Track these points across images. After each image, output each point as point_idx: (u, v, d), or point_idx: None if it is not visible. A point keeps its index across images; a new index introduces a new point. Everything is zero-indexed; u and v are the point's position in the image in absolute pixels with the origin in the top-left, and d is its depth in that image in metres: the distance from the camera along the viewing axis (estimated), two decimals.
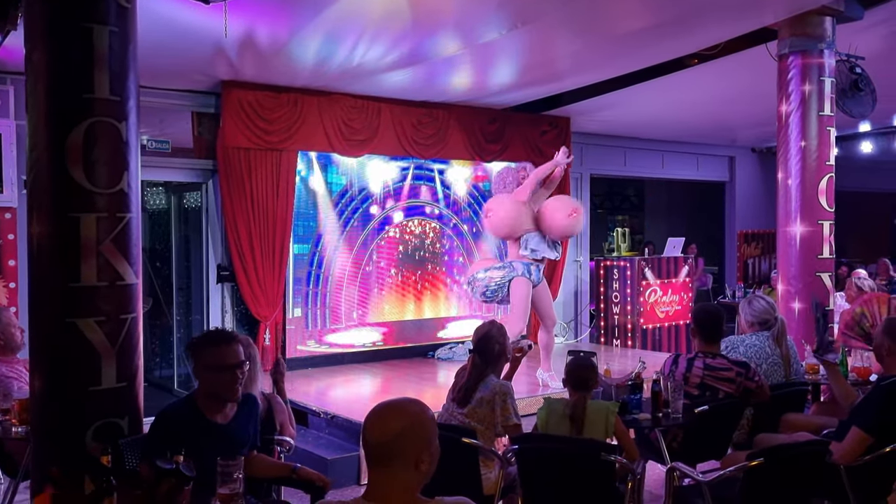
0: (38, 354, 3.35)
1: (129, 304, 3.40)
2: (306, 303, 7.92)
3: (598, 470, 3.44)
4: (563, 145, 9.45)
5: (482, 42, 6.25)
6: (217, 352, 3.04)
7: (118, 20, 3.37)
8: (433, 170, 8.81)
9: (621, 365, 7.48)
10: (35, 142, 3.31)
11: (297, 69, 6.77)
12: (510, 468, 3.76)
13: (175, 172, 7.65)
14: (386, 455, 2.02)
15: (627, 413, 4.10)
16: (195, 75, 6.93)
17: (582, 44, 6.64)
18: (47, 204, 3.29)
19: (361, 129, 7.99)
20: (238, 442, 3.12)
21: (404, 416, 2.07)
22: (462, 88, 7.98)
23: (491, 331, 4.05)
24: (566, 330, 10.02)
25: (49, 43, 3.28)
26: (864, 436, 3.58)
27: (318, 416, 6.06)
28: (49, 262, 3.30)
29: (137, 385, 3.46)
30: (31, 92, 3.33)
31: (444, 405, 4.09)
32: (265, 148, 7.46)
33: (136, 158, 3.47)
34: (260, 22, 5.42)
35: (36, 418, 3.39)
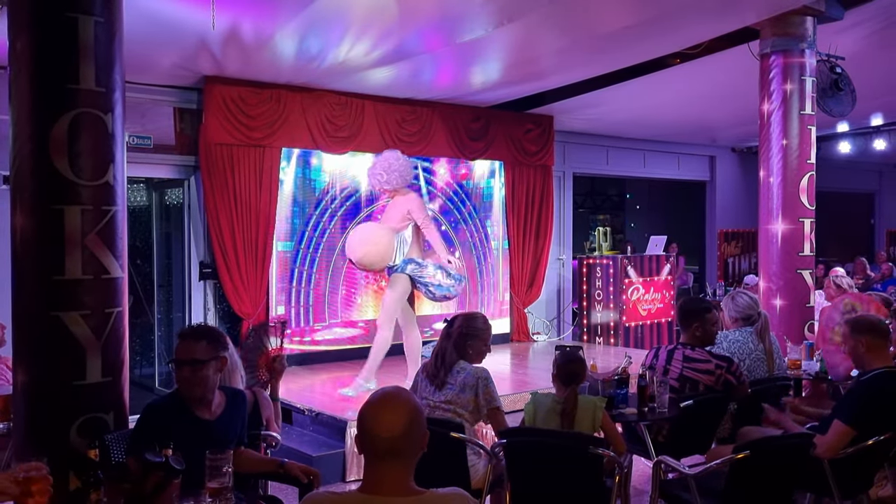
0: (21, 349, 3.31)
1: (115, 298, 3.36)
2: (289, 300, 7.88)
3: (586, 463, 3.44)
4: (546, 143, 9.61)
5: (467, 39, 6.26)
6: (179, 346, 3.03)
7: (104, 11, 3.33)
8: (417, 167, 8.79)
9: (605, 362, 7.51)
10: (18, 132, 3.27)
11: (281, 65, 6.74)
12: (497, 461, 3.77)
13: (156, 168, 7.58)
14: (397, 449, 2.02)
15: (614, 408, 4.12)
16: (177, 70, 6.87)
17: (566, 42, 6.67)
18: (31, 196, 3.25)
19: (345, 125, 7.97)
20: (225, 437, 3.09)
21: (408, 408, 2.07)
22: (446, 86, 7.99)
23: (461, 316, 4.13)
24: (549, 328, 10.05)
25: (33, 32, 3.24)
26: (846, 429, 3.63)
27: (303, 413, 6.04)
28: (32, 254, 3.26)
29: (123, 380, 3.42)
30: (15, 81, 3.28)
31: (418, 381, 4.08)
32: (248, 144, 7.42)
33: (121, 151, 3.44)
34: (245, 16, 5.39)
35: (19, 414, 3.34)
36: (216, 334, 3.14)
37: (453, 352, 3.99)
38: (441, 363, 3.98)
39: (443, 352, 4.01)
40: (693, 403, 4.20)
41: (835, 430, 3.66)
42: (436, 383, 3.96)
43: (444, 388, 3.91)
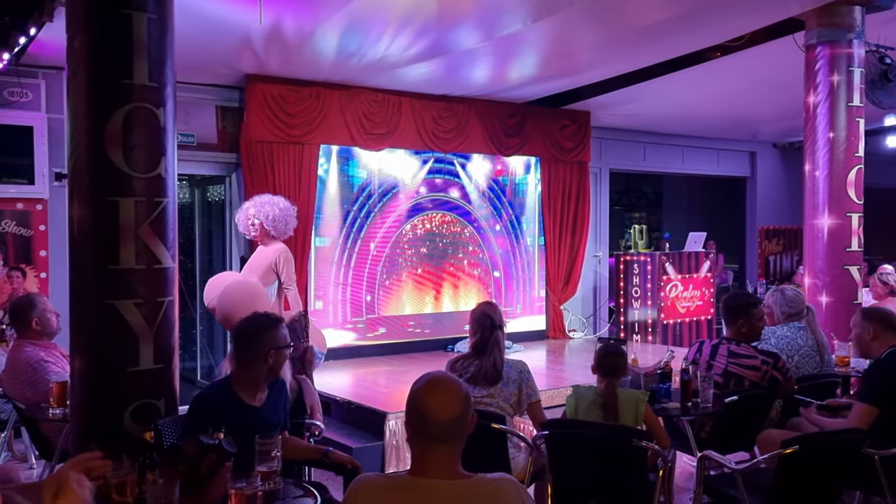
0: (78, 336, 3.40)
1: (166, 288, 3.45)
2: (328, 295, 7.97)
3: (630, 456, 3.44)
4: (583, 140, 9.57)
5: (504, 34, 6.25)
6: (279, 332, 3.15)
7: (157, 7, 3.41)
8: (453, 163, 8.83)
9: (644, 359, 7.48)
10: (76, 127, 3.36)
11: (321, 62, 6.81)
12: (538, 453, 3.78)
13: (199, 166, 7.72)
14: (453, 432, 2.05)
15: (656, 402, 4.10)
16: (220, 69, 6.98)
17: (603, 36, 6.63)
18: (87, 188, 3.34)
19: (382, 122, 8.03)
20: (270, 423, 3.15)
21: (461, 391, 2.11)
22: (482, 82, 7.99)
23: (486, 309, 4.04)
24: (585, 325, 10.01)
25: (90, 29, 3.33)
26: (867, 407, 3.68)
27: (341, 405, 6.10)
28: (89, 244, 3.35)
29: (173, 367, 3.51)
30: (73, 79, 3.37)
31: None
32: (288, 141, 7.52)
33: (172, 144, 3.52)
34: (287, 13, 5.45)
35: (76, 399, 3.43)
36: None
37: (495, 345, 3.99)
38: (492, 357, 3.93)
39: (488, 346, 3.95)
40: (738, 399, 4.16)
41: (855, 411, 3.72)
42: (487, 379, 3.91)
43: (483, 382, 3.89)
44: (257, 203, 5.73)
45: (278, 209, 5.71)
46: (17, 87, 6.56)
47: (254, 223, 5.70)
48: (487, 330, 3.94)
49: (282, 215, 5.72)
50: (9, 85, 6.50)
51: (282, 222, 5.72)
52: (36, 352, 4.34)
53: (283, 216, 5.73)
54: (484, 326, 3.94)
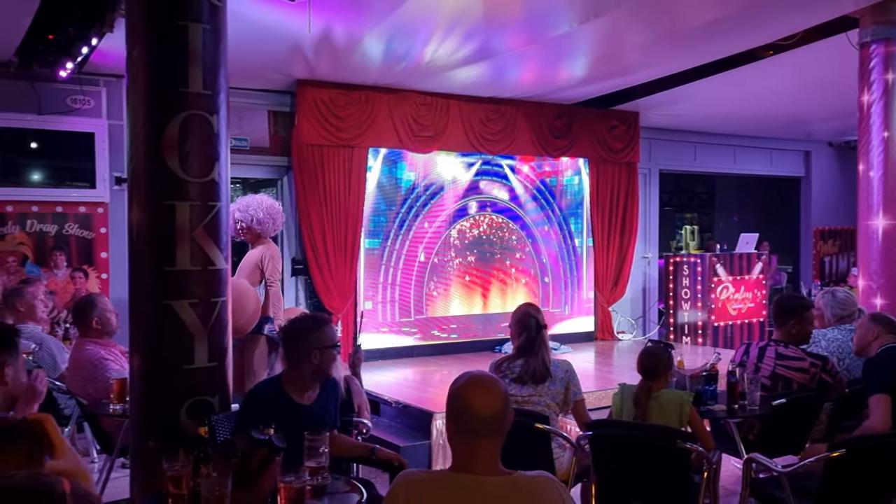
0: (136, 334, 3.54)
1: (219, 288, 3.56)
2: (377, 296, 8.08)
3: (674, 458, 3.44)
4: (632, 140, 9.52)
5: (552, 36, 6.27)
6: (325, 333, 3.22)
7: (211, 18, 3.53)
8: (501, 165, 8.87)
9: (693, 362, 7.41)
10: (135, 134, 3.50)
11: (369, 66, 6.93)
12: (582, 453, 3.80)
13: (252, 169, 7.93)
14: (496, 427, 2.12)
15: (702, 404, 4.08)
16: (272, 74, 7.16)
17: (652, 36, 6.59)
18: (145, 192, 3.47)
19: (430, 125, 8.12)
20: (320, 422, 3.24)
21: (501, 389, 2.19)
22: (530, 84, 8.02)
23: (529, 310, 4.07)
24: (634, 327, 9.94)
25: (148, 40, 3.46)
26: (882, 397, 3.68)
27: (390, 405, 6.19)
28: (147, 247, 3.48)
29: (226, 365, 3.62)
30: (132, 87, 3.51)
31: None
32: (337, 145, 7.66)
33: (226, 150, 3.63)
34: (337, 19, 5.58)
35: (135, 395, 3.58)
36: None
37: (542, 344, 4.03)
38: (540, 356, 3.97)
39: (535, 346, 3.99)
40: (786, 402, 4.12)
41: (873, 405, 3.70)
42: (536, 377, 3.95)
43: (531, 382, 3.93)
44: (241, 207, 5.72)
45: (262, 211, 5.68)
46: (80, 94, 6.83)
47: (242, 227, 5.69)
48: (533, 330, 3.98)
49: (267, 215, 5.69)
50: (72, 93, 6.77)
51: (268, 222, 5.71)
52: (97, 350, 4.52)
53: (268, 216, 5.70)
54: (529, 327, 3.97)
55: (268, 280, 5.62)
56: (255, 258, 5.69)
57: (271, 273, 5.62)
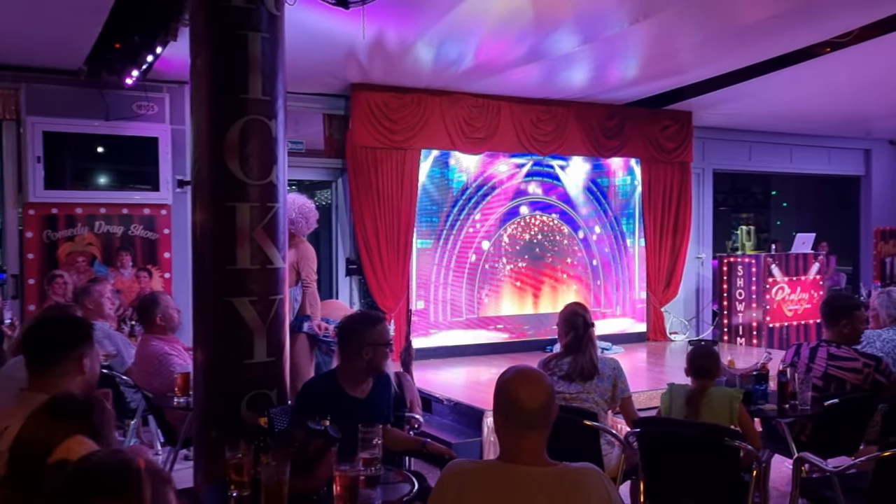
0: (199, 330, 3.72)
1: (277, 286, 3.71)
2: (428, 296, 8.20)
3: (722, 456, 3.46)
4: (684, 140, 9.45)
5: (602, 38, 6.30)
6: (378, 330, 3.34)
7: (269, 27, 3.69)
8: (552, 166, 8.90)
9: (746, 362, 7.34)
10: (198, 139, 3.68)
11: (421, 70, 7.05)
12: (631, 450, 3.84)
13: (308, 171, 8.14)
14: (541, 419, 2.20)
15: (752, 403, 4.08)
16: (327, 79, 7.34)
17: (704, 36, 6.56)
18: (208, 194, 3.65)
19: (482, 127, 8.20)
20: (373, 415, 3.35)
21: (546, 382, 2.27)
22: (581, 85, 8.03)
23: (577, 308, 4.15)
24: (687, 327, 9.86)
25: (211, 49, 3.63)
26: None
27: (442, 403, 6.30)
28: (209, 246, 3.65)
29: (284, 360, 3.77)
30: (195, 94, 3.69)
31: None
32: (390, 147, 7.80)
33: (283, 153, 3.79)
34: (389, 25, 5.71)
35: (198, 389, 3.75)
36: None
37: (589, 342, 4.09)
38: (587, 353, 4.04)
39: (583, 344, 4.06)
40: (839, 402, 4.08)
41: None
42: (583, 375, 4.02)
43: (579, 379, 3.99)
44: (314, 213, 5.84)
45: (295, 210, 5.69)
46: (145, 100, 7.11)
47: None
48: (581, 328, 4.05)
49: (300, 215, 5.74)
50: (137, 99, 7.05)
51: (301, 221, 5.76)
52: (161, 345, 4.73)
53: (301, 216, 5.76)
54: (576, 325, 4.04)
55: (304, 281, 5.74)
56: (290, 259, 5.66)
57: (307, 274, 5.73)
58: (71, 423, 1.88)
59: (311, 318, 5.73)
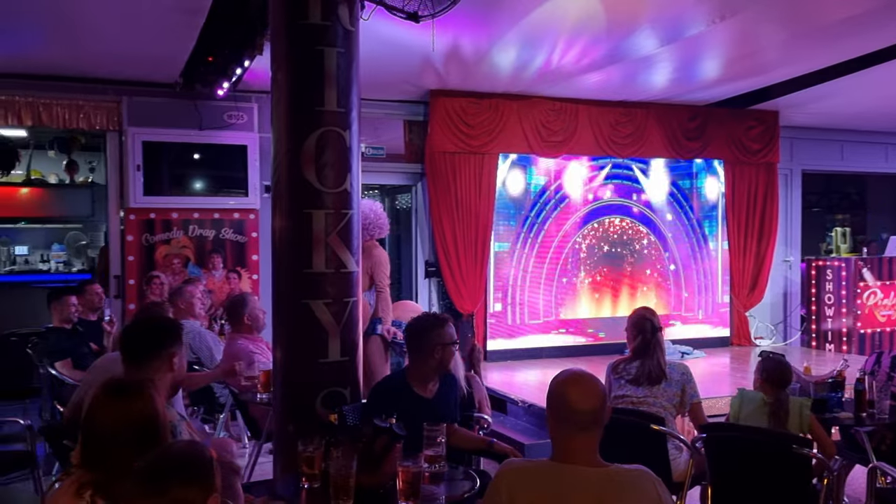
0: (279, 330, 3.93)
1: (351, 289, 3.89)
2: (506, 298, 8.29)
3: (791, 463, 3.43)
4: (770, 140, 9.21)
5: (683, 38, 6.22)
6: (446, 330, 3.48)
7: (344, 42, 3.87)
8: (631, 168, 8.84)
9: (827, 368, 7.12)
10: (278, 149, 3.89)
11: (497, 75, 7.15)
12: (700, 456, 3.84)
13: (388, 176, 8.37)
14: (594, 421, 2.28)
15: (826, 411, 4.02)
16: (406, 86, 7.54)
17: (789, 34, 6.39)
18: (286, 202, 3.85)
19: (559, 130, 8.24)
20: (440, 414, 3.48)
21: (600, 385, 2.35)
22: (661, 86, 7.95)
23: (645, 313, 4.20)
24: (773, 333, 9.60)
25: (289, 64, 3.84)
26: None
27: (516, 404, 6.38)
28: (287, 251, 3.86)
29: (357, 360, 3.94)
30: (275, 106, 3.91)
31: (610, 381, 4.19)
32: (468, 151, 7.94)
33: (357, 162, 3.96)
34: (463, 34, 5.84)
35: (277, 386, 3.97)
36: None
37: (657, 346, 4.11)
38: (655, 358, 4.06)
39: (651, 348, 4.09)
40: None
41: None
42: (651, 379, 4.04)
43: (646, 383, 4.02)
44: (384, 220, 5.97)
45: (368, 217, 5.82)
46: (235, 110, 7.48)
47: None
48: (649, 333, 4.08)
49: (369, 221, 5.84)
50: (227, 109, 7.42)
51: (373, 225, 5.87)
52: (246, 344, 5.00)
53: (371, 221, 5.86)
54: (644, 330, 4.07)
55: (378, 286, 5.90)
56: (364, 264, 5.86)
57: (381, 279, 5.88)
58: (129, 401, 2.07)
59: (382, 321, 5.90)
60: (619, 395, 4.09)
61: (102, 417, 2.06)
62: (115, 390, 2.11)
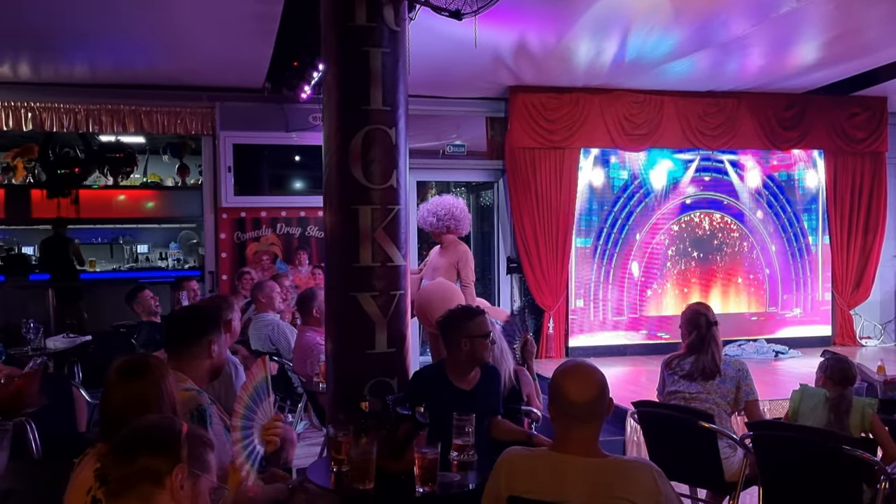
0: (330, 322, 4.09)
1: (398, 282, 3.99)
2: (588, 294, 8.20)
3: (842, 465, 3.26)
4: (878, 128, 8.66)
5: (774, 16, 5.85)
6: (475, 323, 3.51)
7: (390, 42, 3.97)
8: (722, 161, 8.54)
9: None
10: (328, 146, 4.05)
11: (573, 69, 7.09)
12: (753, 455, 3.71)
13: (470, 173, 8.47)
14: (590, 412, 2.30)
15: (894, 412, 3.79)
16: (484, 84, 7.60)
17: (892, 8, 5.88)
18: (335, 198, 4.00)
19: (643, 123, 8.07)
20: (478, 405, 3.51)
21: (597, 376, 2.36)
22: (753, 73, 7.62)
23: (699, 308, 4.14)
24: (881, 333, 9.01)
25: (337, 64, 3.98)
26: None
27: None
28: (337, 246, 4.01)
29: (405, 350, 4.04)
30: (326, 106, 4.07)
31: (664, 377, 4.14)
32: (548, 147, 7.91)
33: (404, 159, 4.05)
34: (528, 30, 5.83)
35: (329, 375, 4.13)
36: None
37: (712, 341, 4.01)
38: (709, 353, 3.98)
39: (705, 343, 4.00)
40: None
41: None
42: (705, 374, 3.96)
43: (700, 378, 3.93)
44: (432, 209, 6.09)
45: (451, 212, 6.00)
46: (318, 112, 7.73)
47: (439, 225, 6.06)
48: (703, 328, 4.01)
49: (448, 215, 6.00)
50: (312, 111, 7.71)
51: (452, 219, 6.01)
52: (314, 336, 5.20)
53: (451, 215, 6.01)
54: (699, 325, 4.01)
55: (463, 281, 5.97)
56: (451, 260, 6.07)
57: (466, 275, 5.96)
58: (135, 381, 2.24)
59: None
60: (672, 391, 4.02)
61: (112, 395, 2.25)
62: (125, 370, 2.29)
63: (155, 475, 1.73)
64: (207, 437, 1.85)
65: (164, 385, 2.25)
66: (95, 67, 7.05)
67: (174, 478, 1.74)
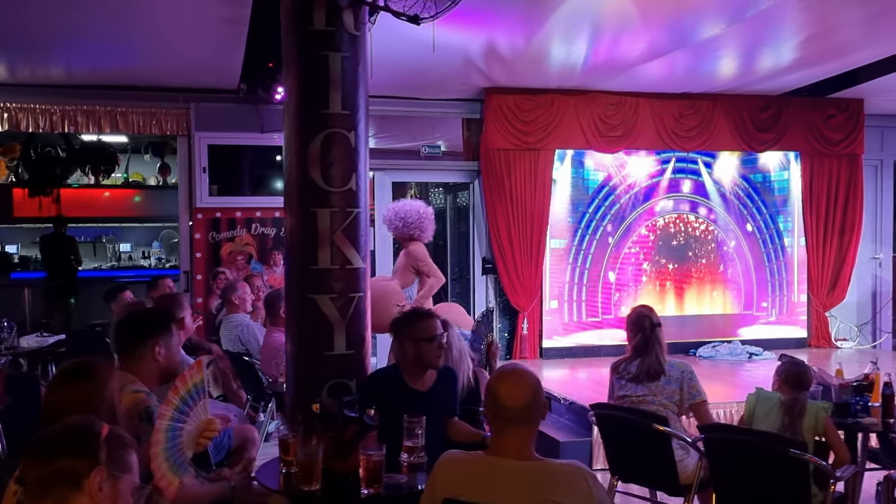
0: (290, 324, 4.10)
1: (357, 284, 3.99)
2: (562, 295, 8.22)
3: (791, 468, 3.30)
4: (854, 130, 8.71)
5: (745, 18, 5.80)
6: (420, 326, 3.50)
7: (350, 47, 3.97)
8: (696, 162, 8.58)
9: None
10: (288, 149, 4.06)
11: (545, 71, 7.10)
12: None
13: (447, 174, 8.49)
14: (524, 416, 2.31)
15: (850, 416, 3.83)
16: (458, 85, 7.61)
17: (875, 7, 5.75)
18: (295, 201, 4.01)
19: (618, 124, 8.09)
20: (434, 407, 3.53)
21: (532, 380, 2.37)
22: (729, 75, 7.64)
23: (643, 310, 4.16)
24: (857, 334, 9.07)
25: (297, 69, 3.99)
26: None
27: (559, 402, 6.34)
28: (296, 248, 4.02)
29: (364, 352, 4.05)
30: (286, 109, 4.07)
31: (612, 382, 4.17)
32: (523, 148, 7.93)
33: (364, 162, 4.06)
34: (497, 32, 5.85)
35: (289, 376, 4.14)
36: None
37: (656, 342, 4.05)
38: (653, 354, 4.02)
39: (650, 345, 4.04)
40: None
41: None
42: (650, 375, 4.01)
43: (646, 380, 3.96)
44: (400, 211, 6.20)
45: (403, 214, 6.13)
46: None
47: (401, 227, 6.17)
48: (647, 329, 4.06)
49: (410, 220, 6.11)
50: None
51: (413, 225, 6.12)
52: (279, 337, 5.17)
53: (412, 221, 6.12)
54: (643, 327, 4.05)
55: (426, 274, 6.05)
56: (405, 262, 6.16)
57: (423, 267, 6.06)
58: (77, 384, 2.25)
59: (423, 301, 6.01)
60: (621, 395, 4.05)
61: (52, 396, 2.26)
62: (69, 372, 2.30)
63: (73, 477, 1.74)
64: (129, 438, 1.86)
65: (105, 390, 2.26)
66: (71, 68, 7.05)
67: (92, 480, 1.75)
